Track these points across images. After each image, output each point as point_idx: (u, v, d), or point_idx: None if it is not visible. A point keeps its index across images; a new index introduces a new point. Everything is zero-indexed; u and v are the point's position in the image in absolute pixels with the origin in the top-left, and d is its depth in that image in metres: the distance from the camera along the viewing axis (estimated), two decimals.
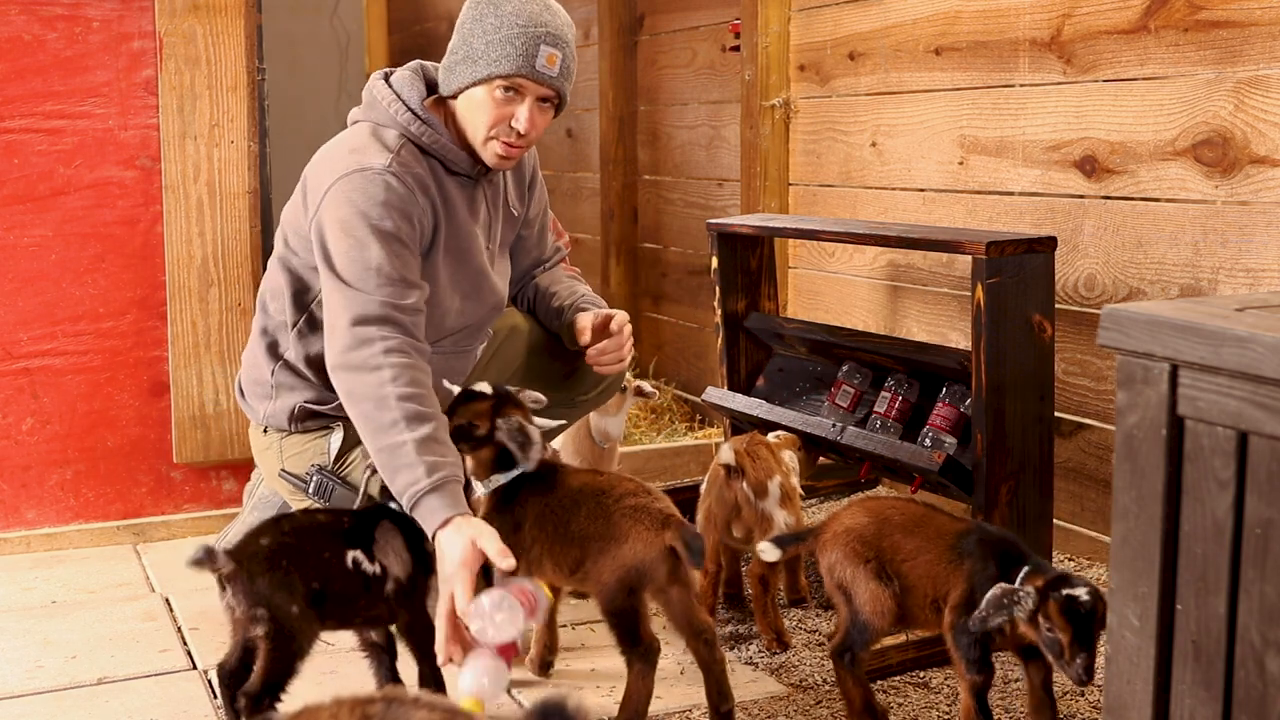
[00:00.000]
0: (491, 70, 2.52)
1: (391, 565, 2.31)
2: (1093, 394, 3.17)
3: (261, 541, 2.23)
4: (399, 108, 2.62)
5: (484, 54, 2.53)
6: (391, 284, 2.47)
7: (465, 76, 2.57)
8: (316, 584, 2.23)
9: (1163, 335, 1.53)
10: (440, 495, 2.28)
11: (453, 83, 2.61)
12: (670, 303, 5.13)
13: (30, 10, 3.32)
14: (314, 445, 2.75)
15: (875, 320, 3.89)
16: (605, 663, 2.68)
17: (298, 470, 2.75)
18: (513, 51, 2.51)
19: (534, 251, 3.04)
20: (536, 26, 2.52)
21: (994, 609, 2.14)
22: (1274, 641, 1.44)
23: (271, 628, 2.17)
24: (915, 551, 2.30)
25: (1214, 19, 2.81)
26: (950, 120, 3.55)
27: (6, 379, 3.39)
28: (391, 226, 2.50)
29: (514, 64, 2.51)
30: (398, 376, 2.37)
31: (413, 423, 2.32)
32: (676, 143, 5.02)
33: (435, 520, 2.28)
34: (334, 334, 2.46)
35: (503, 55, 2.51)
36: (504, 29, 2.51)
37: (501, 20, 2.52)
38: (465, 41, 2.57)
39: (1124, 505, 1.61)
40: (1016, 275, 2.70)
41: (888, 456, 2.96)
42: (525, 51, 2.51)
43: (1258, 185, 2.75)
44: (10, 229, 3.36)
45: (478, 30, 2.54)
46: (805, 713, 2.47)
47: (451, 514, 2.27)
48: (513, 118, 2.56)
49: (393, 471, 2.32)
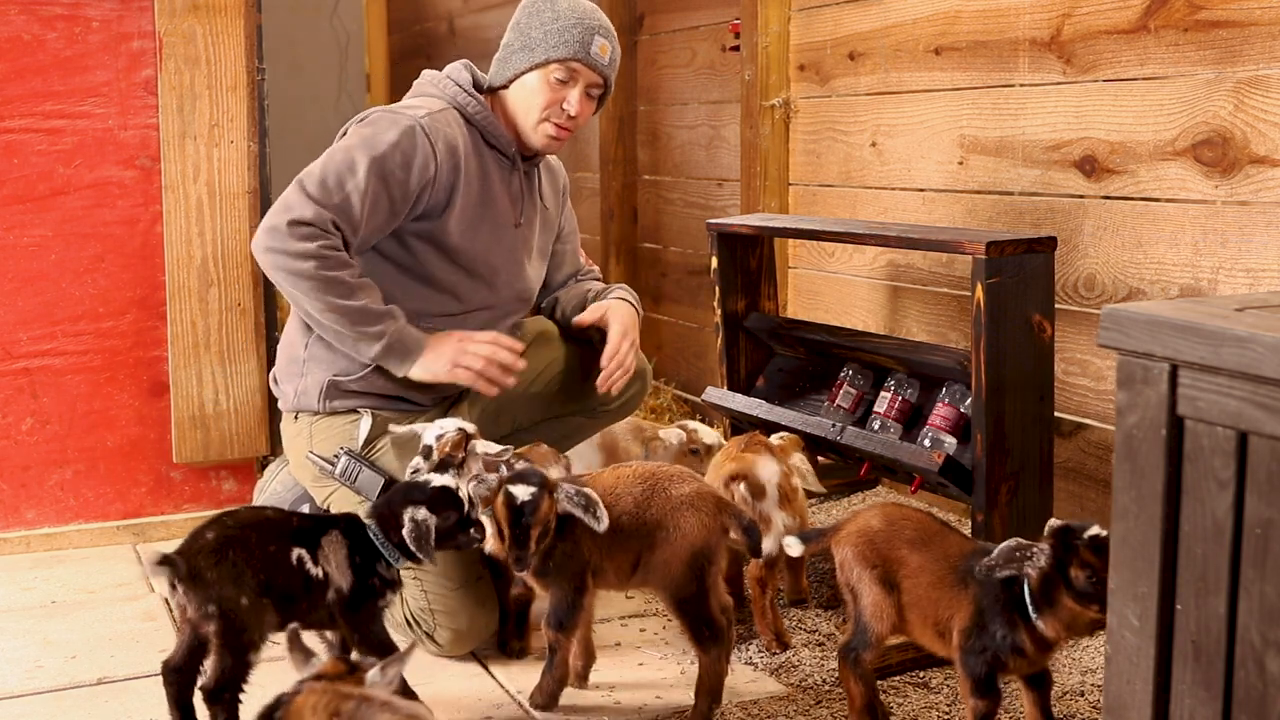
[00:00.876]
0: (549, 55, 2.76)
1: (334, 575, 2.31)
2: (1093, 394, 3.17)
3: (207, 536, 2.24)
4: (448, 84, 2.83)
5: (542, 41, 2.77)
6: (345, 214, 2.63)
7: (522, 62, 2.79)
8: (263, 575, 2.23)
9: (1163, 335, 1.53)
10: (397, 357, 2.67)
11: (507, 71, 2.82)
12: (670, 303, 5.13)
13: (30, 10, 3.32)
14: (344, 430, 2.78)
15: (875, 320, 3.89)
16: (603, 661, 2.68)
17: (325, 453, 2.76)
18: (571, 39, 2.76)
19: (567, 266, 3.16)
20: (591, 18, 2.80)
21: (1004, 560, 2.10)
22: (1274, 641, 1.44)
23: (222, 624, 2.17)
24: (918, 569, 2.28)
25: (1214, 19, 2.81)
26: (950, 120, 3.55)
27: (6, 379, 3.39)
28: (389, 167, 2.66)
29: (571, 49, 2.76)
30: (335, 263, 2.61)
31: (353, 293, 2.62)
32: (676, 143, 5.02)
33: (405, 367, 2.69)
34: (273, 220, 2.62)
35: (561, 42, 2.76)
36: (561, 20, 2.77)
37: (558, 13, 2.78)
38: (522, 33, 2.79)
39: (1124, 505, 1.61)
40: (1016, 275, 2.70)
41: (887, 456, 2.96)
42: (581, 39, 2.77)
43: (1258, 185, 2.75)
44: (10, 229, 3.36)
45: (535, 22, 2.78)
46: (805, 713, 2.47)
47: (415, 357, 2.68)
48: (565, 100, 2.80)
49: (353, 345, 2.66)
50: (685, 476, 2.46)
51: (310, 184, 2.64)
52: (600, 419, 3.14)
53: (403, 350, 2.68)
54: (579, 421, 3.13)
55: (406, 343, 2.68)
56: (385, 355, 2.68)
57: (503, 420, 3.04)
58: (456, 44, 7.11)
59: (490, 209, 2.82)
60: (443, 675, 2.66)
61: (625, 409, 3.15)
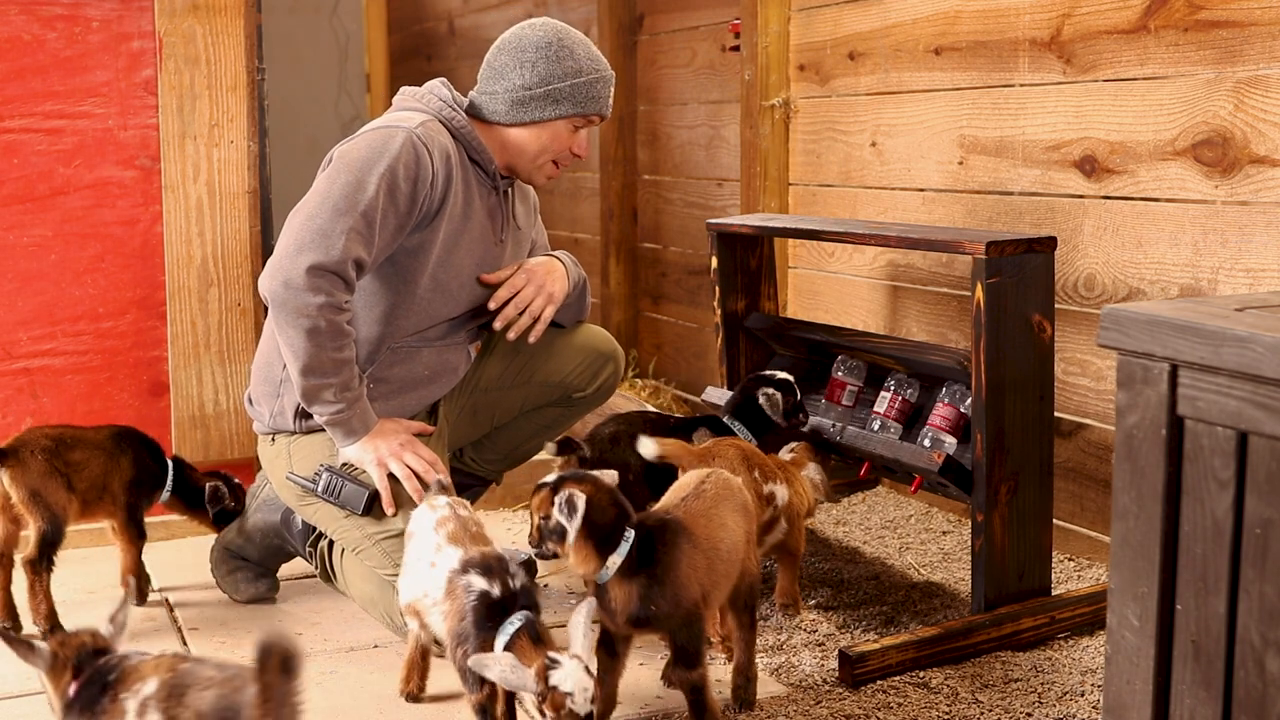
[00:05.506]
0: (578, 110, 2.83)
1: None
2: (1093, 394, 3.17)
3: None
4: (431, 98, 2.84)
5: (570, 96, 2.82)
6: (360, 236, 2.62)
7: (548, 112, 2.83)
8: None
9: (1163, 335, 1.53)
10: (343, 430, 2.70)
11: (525, 114, 2.84)
12: (670, 302, 5.13)
13: (30, 10, 3.32)
14: (323, 447, 2.77)
15: (875, 320, 3.89)
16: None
17: (305, 472, 2.76)
18: (596, 94, 2.84)
19: None
20: (606, 69, 2.87)
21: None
22: (1274, 641, 1.44)
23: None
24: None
25: (1214, 19, 2.81)
26: (950, 120, 3.55)
27: (6, 379, 3.39)
28: (393, 182, 2.66)
29: (598, 105, 2.86)
30: (333, 331, 2.62)
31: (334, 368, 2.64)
32: (676, 142, 5.03)
33: (345, 443, 2.71)
34: (287, 261, 2.61)
35: (588, 98, 2.83)
36: (584, 74, 2.82)
37: (580, 66, 2.82)
38: (544, 81, 2.81)
39: (1124, 505, 1.61)
40: (1016, 275, 2.70)
41: (887, 456, 2.96)
42: (602, 95, 2.86)
43: (1258, 185, 2.75)
44: (10, 229, 3.36)
45: (556, 71, 2.81)
46: (805, 713, 2.47)
47: (357, 438, 2.70)
48: (575, 145, 2.89)
49: (313, 401, 2.67)
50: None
51: (321, 218, 2.61)
52: (577, 408, 3.15)
53: (348, 429, 2.71)
54: (556, 412, 3.13)
55: (353, 423, 2.70)
56: (333, 423, 2.70)
57: (481, 418, 3.06)
58: (456, 44, 7.11)
59: (470, 222, 2.82)
60: (442, 675, 2.66)
61: (600, 395, 3.14)
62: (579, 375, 3.07)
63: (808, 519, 2.98)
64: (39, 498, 2.78)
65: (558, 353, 3.04)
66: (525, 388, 3.07)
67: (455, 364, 2.91)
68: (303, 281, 2.59)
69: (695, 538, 2.29)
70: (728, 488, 2.43)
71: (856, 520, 3.64)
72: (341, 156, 2.70)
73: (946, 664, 2.66)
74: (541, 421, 3.13)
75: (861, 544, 3.44)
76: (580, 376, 3.08)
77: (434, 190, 2.72)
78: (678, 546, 2.26)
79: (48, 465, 2.81)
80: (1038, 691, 2.54)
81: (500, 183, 2.89)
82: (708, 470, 2.46)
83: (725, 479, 2.45)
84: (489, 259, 2.88)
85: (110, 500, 2.94)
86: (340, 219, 2.61)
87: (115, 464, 2.95)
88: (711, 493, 2.38)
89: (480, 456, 3.16)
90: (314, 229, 2.61)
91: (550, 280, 2.93)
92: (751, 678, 2.48)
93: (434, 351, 2.85)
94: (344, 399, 2.68)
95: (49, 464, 2.81)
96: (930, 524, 3.58)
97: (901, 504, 3.76)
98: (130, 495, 2.97)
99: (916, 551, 3.37)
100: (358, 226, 2.61)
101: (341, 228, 2.60)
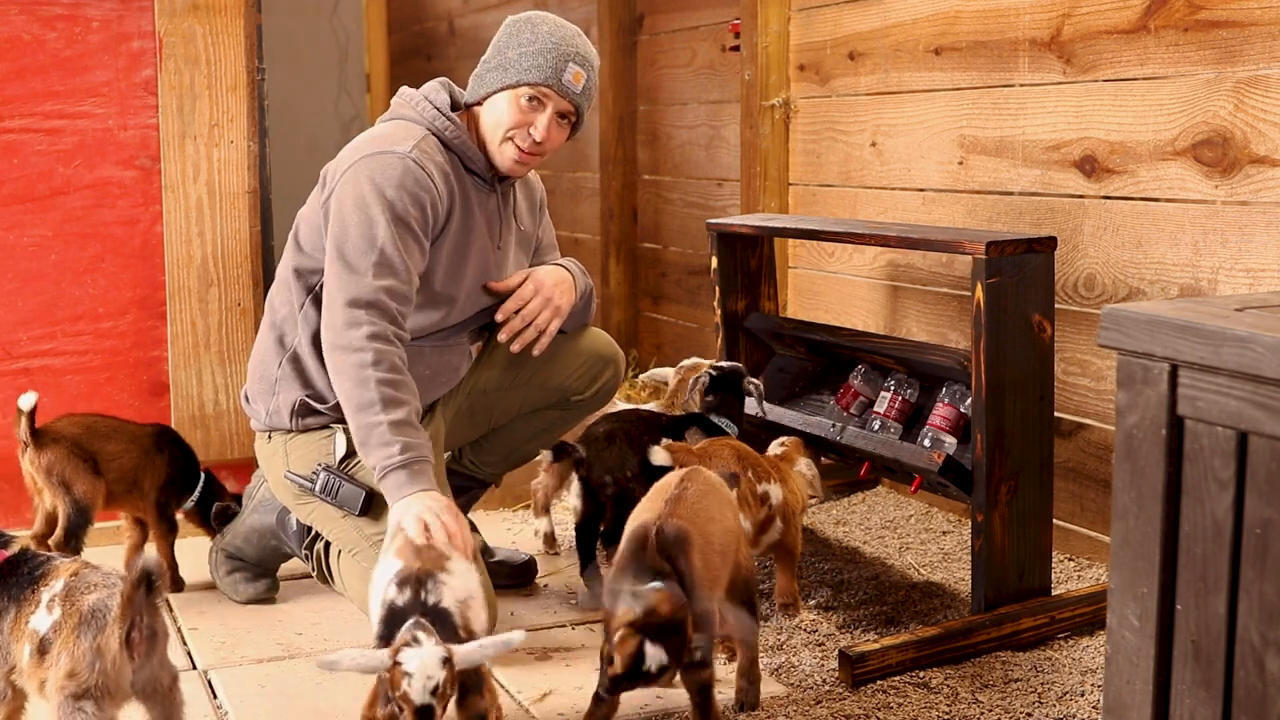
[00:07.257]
0: (521, 78, 2.73)
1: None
2: (1093, 394, 3.17)
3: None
4: (425, 106, 2.80)
5: (516, 63, 2.74)
6: (388, 268, 2.61)
7: (495, 82, 2.76)
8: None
9: (1162, 335, 1.53)
10: (408, 472, 2.48)
11: (481, 89, 2.79)
12: (670, 302, 5.13)
13: (30, 10, 3.32)
14: (320, 445, 2.77)
15: (875, 320, 3.89)
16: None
17: (303, 471, 2.76)
18: (543, 63, 2.72)
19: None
20: (568, 45, 2.75)
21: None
22: (1274, 641, 1.44)
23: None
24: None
25: (1214, 19, 2.81)
26: (950, 120, 3.55)
27: (6, 379, 3.39)
28: (403, 209, 2.64)
29: (542, 75, 2.72)
30: (379, 361, 2.55)
31: (389, 405, 2.52)
32: (676, 142, 5.03)
33: (400, 493, 2.47)
34: (330, 311, 2.63)
35: (533, 65, 2.72)
36: (538, 43, 2.74)
37: (536, 36, 2.75)
38: (499, 52, 2.77)
39: (1124, 505, 1.61)
40: (1016, 275, 2.70)
41: (887, 456, 2.96)
42: (555, 65, 2.73)
43: (1258, 185, 2.75)
44: (10, 229, 3.36)
45: (513, 43, 2.76)
46: (805, 713, 2.47)
47: (416, 489, 2.46)
48: (532, 125, 2.75)
49: (368, 447, 2.52)
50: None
51: (345, 260, 2.60)
52: (576, 410, 3.14)
53: (401, 481, 2.49)
54: (555, 415, 3.13)
55: (413, 468, 2.50)
56: (387, 474, 2.49)
57: (479, 420, 3.06)
58: (456, 44, 7.11)
59: (471, 234, 2.81)
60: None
61: (599, 399, 3.14)
62: (578, 378, 3.07)
63: (802, 514, 2.98)
64: (61, 481, 2.86)
65: (557, 355, 3.03)
66: (524, 390, 3.06)
67: (456, 364, 2.91)
68: (343, 320, 2.58)
69: (695, 539, 2.29)
70: (708, 483, 2.43)
71: (856, 520, 3.64)
72: (343, 198, 2.66)
73: (946, 664, 2.66)
74: (540, 424, 3.12)
75: (861, 544, 3.44)
76: (579, 379, 3.07)
77: (439, 209, 2.71)
78: (689, 556, 2.23)
79: (71, 450, 2.88)
80: (1038, 691, 2.54)
81: (498, 185, 2.87)
82: (683, 469, 2.46)
83: (704, 475, 2.45)
84: (488, 265, 2.87)
85: (139, 496, 3.03)
86: (363, 257, 2.60)
87: (150, 461, 3.03)
88: (694, 490, 2.38)
89: (479, 458, 3.16)
90: (343, 275, 2.61)
91: (558, 293, 2.91)
92: (754, 679, 2.47)
93: (435, 351, 2.84)
94: (399, 441, 2.49)
95: (72, 449, 2.88)
96: (930, 524, 3.58)
97: (901, 504, 3.76)
98: (161, 495, 3.05)
99: (916, 551, 3.37)
100: (381, 260, 2.60)
101: (366, 264, 2.60)
